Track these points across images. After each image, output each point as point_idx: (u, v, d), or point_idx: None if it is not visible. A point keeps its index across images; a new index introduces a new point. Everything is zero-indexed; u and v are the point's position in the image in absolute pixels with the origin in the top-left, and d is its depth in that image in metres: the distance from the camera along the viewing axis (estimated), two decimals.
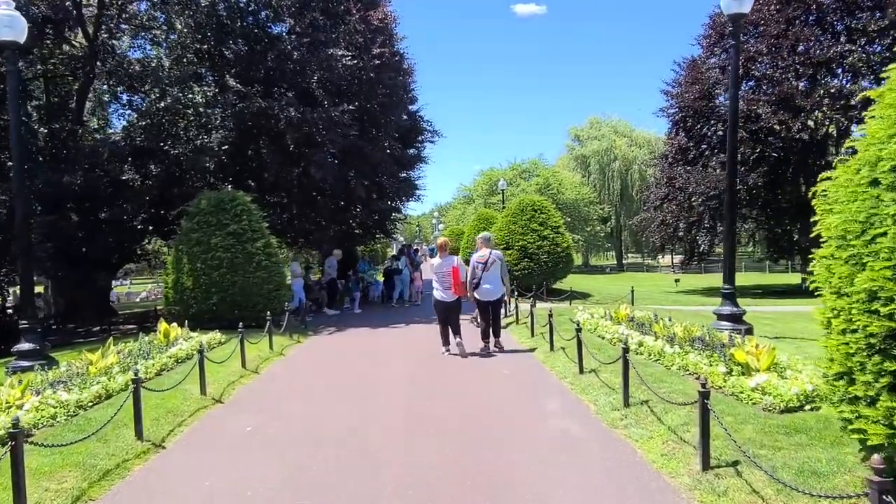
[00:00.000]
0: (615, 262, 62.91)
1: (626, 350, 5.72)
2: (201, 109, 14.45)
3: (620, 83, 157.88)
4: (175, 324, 10.47)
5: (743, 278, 43.53)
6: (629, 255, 68.51)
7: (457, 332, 9.32)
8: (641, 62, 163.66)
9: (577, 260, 46.08)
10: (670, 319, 9.08)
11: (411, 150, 21.70)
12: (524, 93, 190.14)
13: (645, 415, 5.42)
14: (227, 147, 16.14)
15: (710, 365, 6.56)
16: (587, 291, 22.85)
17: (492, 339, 9.46)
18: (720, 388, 6.07)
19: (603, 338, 9.41)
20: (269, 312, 10.67)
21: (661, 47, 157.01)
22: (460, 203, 64.34)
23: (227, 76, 13.87)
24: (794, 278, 39.48)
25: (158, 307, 18.73)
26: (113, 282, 24.95)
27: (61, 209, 13.62)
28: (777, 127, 23.95)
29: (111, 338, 8.40)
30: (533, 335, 10.37)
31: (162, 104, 14.36)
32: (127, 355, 8.34)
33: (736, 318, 9.57)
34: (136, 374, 5.39)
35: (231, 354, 8.56)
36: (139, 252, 17.84)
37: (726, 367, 6.31)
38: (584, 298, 18.44)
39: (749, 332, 9.33)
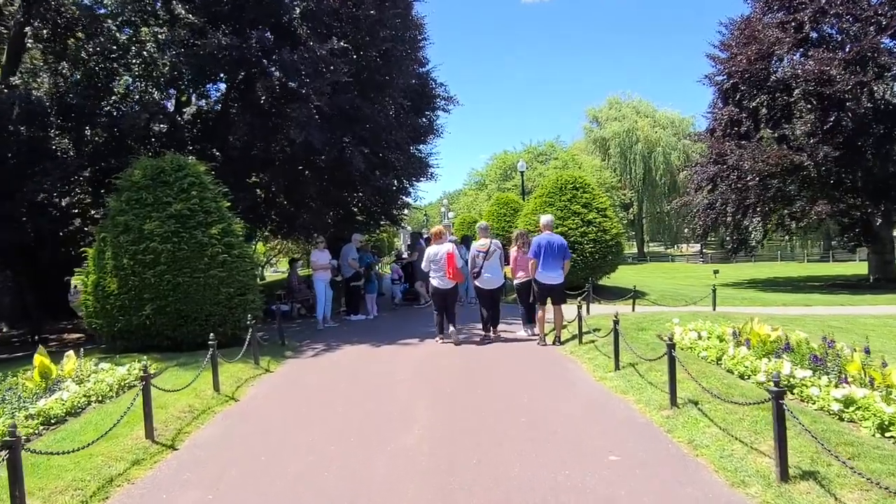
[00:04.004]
0: (636, 252, 59.06)
1: None
2: (145, 53, 10.88)
3: (635, 64, 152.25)
4: (71, 352, 6.94)
5: (785, 268, 39.89)
6: (650, 243, 64.76)
7: (452, 321, 9.39)
8: (656, 42, 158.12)
9: None
10: (868, 351, 5.44)
11: (422, 119, 17.97)
12: (534, 79, 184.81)
13: None
14: (190, 108, 12.62)
15: None
16: (630, 287, 19.07)
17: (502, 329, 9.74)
18: None
19: (733, 373, 5.84)
20: (213, 333, 7.08)
21: (677, 25, 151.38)
22: (472, 189, 60.55)
23: (175, 3, 10.20)
24: (841, 269, 35.67)
25: None
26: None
27: None
28: (855, 91, 20.01)
29: None
30: (618, 368, 6.74)
31: (91, 46, 10.79)
32: None
33: None
34: None
35: (129, 409, 4.99)
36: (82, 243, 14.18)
37: None
38: (640, 298, 14.73)
39: None
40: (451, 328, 9.29)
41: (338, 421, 5.62)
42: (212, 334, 6.71)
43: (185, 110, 13.48)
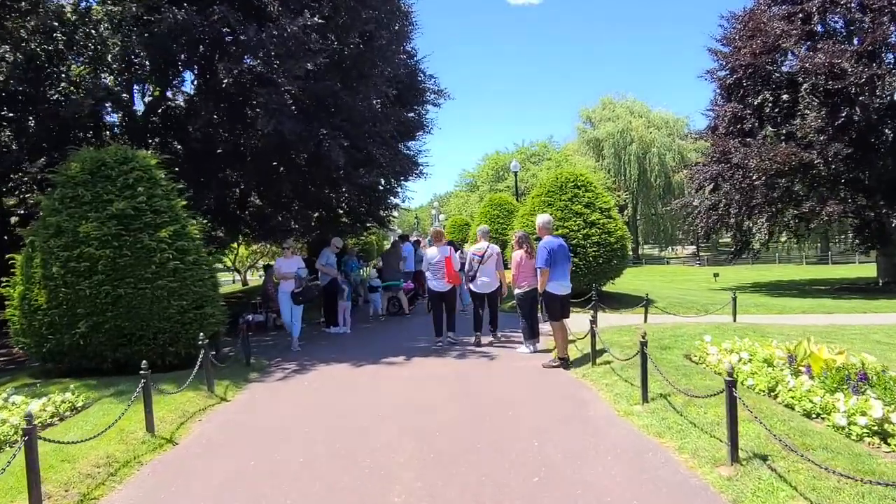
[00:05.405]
0: (631, 254, 58.02)
1: None
2: (94, 33, 9.60)
3: (629, 65, 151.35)
4: None
5: (785, 271, 38.86)
6: (644, 246, 63.75)
7: (450, 326, 9.42)
8: (651, 41, 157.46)
9: None
10: None
11: (410, 114, 16.71)
12: (525, 81, 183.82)
13: None
14: (154, 96, 11.33)
15: None
16: (634, 294, 17.88)
17: (495, 332, 9.50)
18: None
19: (794, 409, 4.64)
20: (165, 354, 5.78)
21: (672, 23, 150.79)
22: (463, 191, 59.32)
23: None
24: (843, 271, 34.72)
25: None
26: None
27: None
28: (866, 86, 18.95)
29: None
30: (647, 400, 5.49)
31: (32, 23, 9.49)
32: None
33: None
34: None
35: (5, 469, 3.69)
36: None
37: None
38: (648, 306, 13.51)
39: None
40: (449, 333, 9.40)
41: (299, 476, 4.34)
42: (144, 361, 5.39)
43: (146, 100, 12.18)
